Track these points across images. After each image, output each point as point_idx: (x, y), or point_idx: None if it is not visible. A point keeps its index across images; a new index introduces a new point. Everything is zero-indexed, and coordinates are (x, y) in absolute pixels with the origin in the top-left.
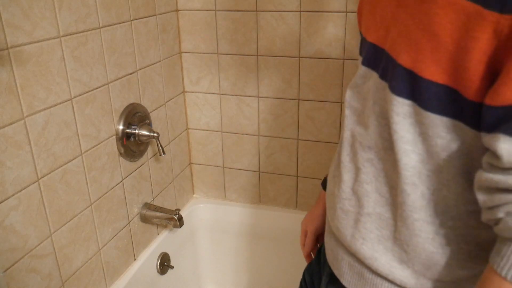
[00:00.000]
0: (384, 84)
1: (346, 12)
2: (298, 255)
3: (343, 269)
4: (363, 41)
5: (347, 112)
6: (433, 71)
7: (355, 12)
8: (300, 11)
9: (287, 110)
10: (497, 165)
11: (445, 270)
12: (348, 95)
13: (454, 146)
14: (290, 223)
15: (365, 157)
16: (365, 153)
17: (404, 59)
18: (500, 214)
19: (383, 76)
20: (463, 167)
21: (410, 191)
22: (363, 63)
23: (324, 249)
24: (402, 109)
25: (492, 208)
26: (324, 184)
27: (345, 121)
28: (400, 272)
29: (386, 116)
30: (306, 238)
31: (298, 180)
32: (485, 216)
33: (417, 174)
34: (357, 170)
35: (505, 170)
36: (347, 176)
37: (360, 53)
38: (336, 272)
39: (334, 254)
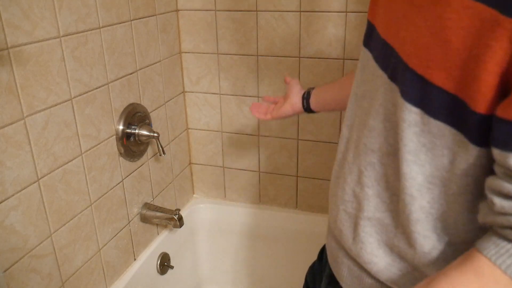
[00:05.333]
0: (394, 87)
1: (346, 12)
2: (298, 255)
3: (343, 273)
4: (373, 32)
5: (360, 112)
6: (443, 79)
7: (355, 12)
8: (300, 11)
9: None
10: None
11: None
12: (356, 92)
13: (459, 160)
14: (290, 223)
15: (368, 160)
16: (368, 156)
17: (415, 63)
18: None
19: (392, 78)
20: (466, 187)
21: (408, 201)
22: (375, 60)
23: (326, 250)
24: (409, 116)
25: (510, 215)
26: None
27: (353, 119)
28: (400, 279)
29: (392, 120)
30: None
31: (298, 180)
32: (495, 220)
33: (416, 186)
34: (359, 173)
35: None
36: (350, 178)
37: (366, 44)
38: (336, 274)
39: (334, 257)
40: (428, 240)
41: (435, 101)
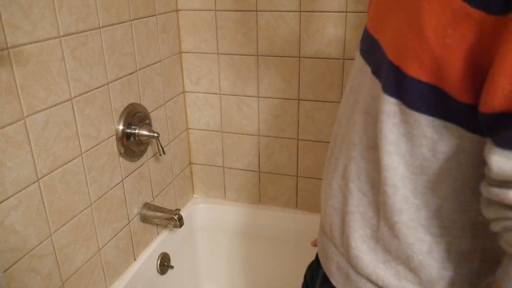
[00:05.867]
0: (376, 81)
1: (346, 12)
2: (298, 255)
3: (332, 269)
4: (365, 29)
5: (347, 107)
6: (417, 68)
7: (355, 12)
8: (300, 11)
9: (287, 110)
10: (490, 176)
11: (425, 275)
12: (347, 88)
13: (440, 147)
14: (290, 223)
15: (351, 154)
16: (351, 150)
17: (392, 54)
18: (497, 228)
19: (375, 72)
20: (450, 171)
21: (390, 192)
22: (360, 53)
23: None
24: (387, 108)
25: (492, 221)
26: None
27: (341, 115)
28: (383, 273)
29: (371, 113)
30: None
31: (298, 180)
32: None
33: (398, 176)
34: (344, 167)
35: (500, 182)
36: (336, 173)
37: (360, 42)
38: (326, 271)
39: (325, 253)
40: (412, 231)
41: (410, 92)
